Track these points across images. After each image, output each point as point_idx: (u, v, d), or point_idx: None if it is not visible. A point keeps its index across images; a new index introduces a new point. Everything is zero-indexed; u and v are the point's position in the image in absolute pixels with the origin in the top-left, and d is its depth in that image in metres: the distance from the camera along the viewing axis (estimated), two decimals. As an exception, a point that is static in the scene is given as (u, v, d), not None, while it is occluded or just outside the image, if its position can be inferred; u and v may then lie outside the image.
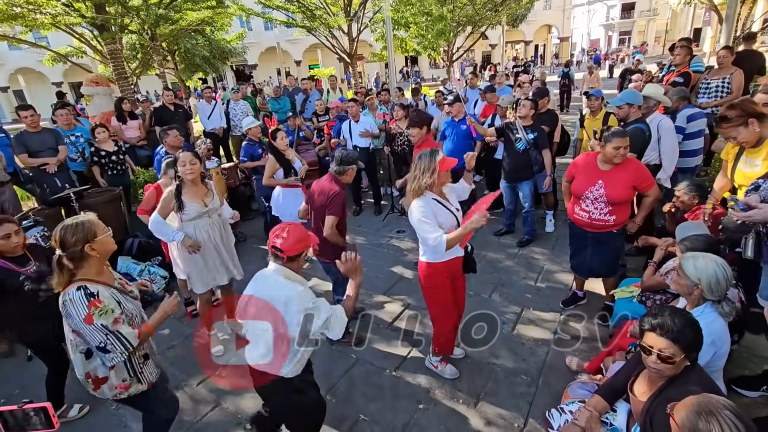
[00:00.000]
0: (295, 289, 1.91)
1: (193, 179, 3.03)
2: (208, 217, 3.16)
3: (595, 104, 4.77)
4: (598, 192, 3.00)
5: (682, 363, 1.56)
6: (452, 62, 18.38)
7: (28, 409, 1.28)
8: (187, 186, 3.06)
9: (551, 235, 4.94)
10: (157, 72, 15.76)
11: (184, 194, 3.04)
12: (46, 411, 1.27)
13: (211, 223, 3.20)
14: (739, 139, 2.49)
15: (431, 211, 2.43)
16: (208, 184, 3.22)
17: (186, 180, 3.02)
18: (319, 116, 7.28)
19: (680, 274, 1.97)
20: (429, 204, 2.45)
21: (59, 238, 1.80)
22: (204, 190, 3.15)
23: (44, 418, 1.31)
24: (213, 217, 3.21)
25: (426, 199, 2.48)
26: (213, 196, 3.19)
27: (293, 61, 32.63)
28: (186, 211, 3.05)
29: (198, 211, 3.08)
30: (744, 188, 2.53)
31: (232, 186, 5.95)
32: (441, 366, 2.96)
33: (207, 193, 3.16)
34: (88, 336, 1.81)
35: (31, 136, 4.65)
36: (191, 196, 3.07)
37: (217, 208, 3.23)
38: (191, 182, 3.05)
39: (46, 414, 1.29)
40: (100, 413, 2.87)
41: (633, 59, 14.32)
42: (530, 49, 38.86)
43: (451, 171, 2.55)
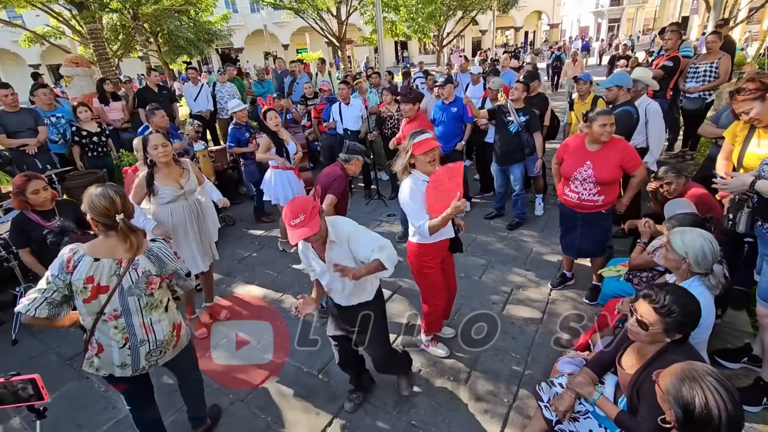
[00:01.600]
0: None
1: (167, 162, 2.90)
2: (184, 199, 3.01)
3: (584, 88, 4.82)
4: (586, 173, 3.02)
5: (658, 335, 1.59)
6: (442, 47, 18.22)
7: (15, 381, 1.25)
8: (160, 169, 2.92)
9: (540, 218, 4.99)
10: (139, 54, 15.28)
11: (157, 178, 2.90)
12: (35, 383, 1.25)
13: (188, 206, 3.05)
14: (752, 115, 2.30)
15: (419, 192, 2.40)
16: (184, 164, 3.07)
17: (159, 163, 2.89)
18: (307, 99, 7.16)
19: (668, 249, 2.01)
20: (417, 185, 2.42)
21: (121, 202, 1.81)
22: (179, 171, 3.01)
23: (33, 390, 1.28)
24: (190, 199, 3.06)
25: (415, 179, 2.45)
26: (189, 176, 3.04)
27: (280, 44, 31.97)
28: (161, 194, 2.91)
29: (173, 194, 2.93)
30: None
31: (220, 169, 5.86)
32: (432, 345, 2.99)
33: (182, 174, 3.01)
34: (180, 267, 2.01)
35: (9, 116, 4.48)
36: (165, 179, 2.92)
37: (194, 189, 3.08)
38: (164, 165, 2.91)
39: (35, 386, 1.26)
40: (88, 396, 2.84)
41: (633, 50, 14.42)
42: (520, 35, 38.67)
43: (443, 156, 2.54)
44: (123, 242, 1.82)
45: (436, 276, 2.70)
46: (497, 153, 4.60)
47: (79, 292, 1.76)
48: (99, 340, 1.87)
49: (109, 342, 1.87)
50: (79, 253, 1.78)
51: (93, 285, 1.76)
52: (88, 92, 7.40)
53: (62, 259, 1.77)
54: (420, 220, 2.39)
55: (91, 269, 1.76)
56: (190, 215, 3.06)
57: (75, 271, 1.75)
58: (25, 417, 2.70)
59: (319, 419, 2.54)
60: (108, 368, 1.91)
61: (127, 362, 1.91)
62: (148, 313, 1.92)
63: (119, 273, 1.80)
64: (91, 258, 1.78)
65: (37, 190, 2.75)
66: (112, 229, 1.80)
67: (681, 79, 5.53)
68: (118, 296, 1.82)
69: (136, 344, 1.91)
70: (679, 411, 1.27)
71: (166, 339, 2.00)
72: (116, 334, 1.86)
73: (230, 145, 5.19)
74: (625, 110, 3.61)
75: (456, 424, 2.44)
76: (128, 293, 1.84)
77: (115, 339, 1.87)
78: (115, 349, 1.87)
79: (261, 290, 3.99)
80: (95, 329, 1.84)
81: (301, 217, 1.82)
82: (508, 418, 2.46)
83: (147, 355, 1.94)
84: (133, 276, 1.84)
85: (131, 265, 1.83)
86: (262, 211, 5.46)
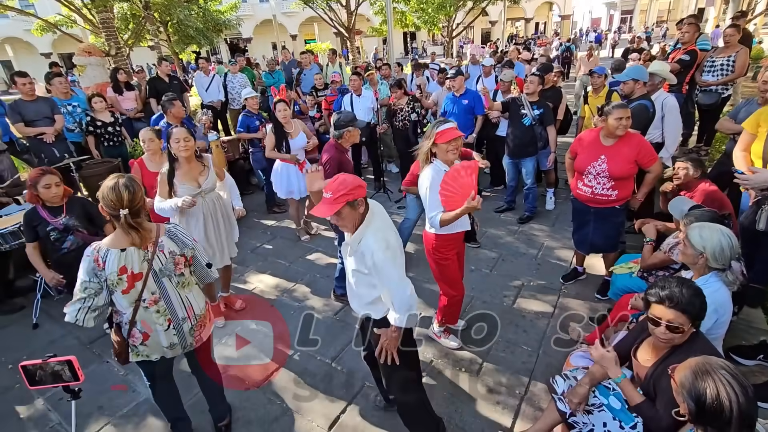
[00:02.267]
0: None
1: (188, 156, 2.84)
2: (201, 198, 2.94)
3: (598, 81, 4.77)
4: (600, 167, 3.01)
5: (689, 331, 1.60)
6: (452, 39, 18.01)
7: (53, 362, 1.30)
8: (181, 164, 2.86)
9: (551, 212, 4.97)
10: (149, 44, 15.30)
11: (177, 175, 2.84)
12: (71, 364, 1.29)
13: (206, 204, 2.97)
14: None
15: (439, 182, 2.40)
16: (205, 159, 3.00)
17: (180, 158, 2.83)
18: (318, 91, 7.15)
19: (686, 244, 2.01)
20: (438, 175, 2.43)
21: (128, 198, 1.78)
22: (199, 168, 2.94)
23: (69, 372, 1.33)
24: (208, 197, 2.99)
25: (436, 168, 2.46)
26: (208, 174, 2.97)
27: (289, 35, 31.81)
28: (178, 192, 2.84)
29: (189, 193, 2.85)
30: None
31: (232, 159, 5.90)
32: (444, 336, 3.03)
33: (202, 171, 2.95)
34: (200, 255, 2.06)
35: (26, 105, 4.54)
36: (184, 176, 2.87)
37: (212, 187, 3.02)
38: (185, 160, 2.84)
39: (71, 367, 1.31)
40: (108, 379, 2.91)
41: (649, 42, 14.24)
42: (530, 26, 38.12)
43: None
44: (126, 235, 1.83)
45: (453, 267, 2.73)
46: (509, 146, 4.58)
47: (116, 284, 1.81)
48: (142, 329, 1.93)
49: (153, 327, 1.94)
50: (102, 250, 1.83)
51: (127, 274, 1.82)
52: (100, 81, 7.46)
53: (89, 261, 1.81)
54: (433, 211, 2.41)
55: (121, 260, 1.81)
56: (207, 214, 3.01)
57: (106, 267, 1.80)
58: (48, 398, 2.78)
59: (333, 406, 2.59)
60: (158, 352, 2.00)
61: (175, 341, 2.01)
62: (182, 291, 2.00)
63: (149, 258, 1.86)
64: (116, 250, 1.83)
65: (48, 185, 2.79)
66: (118, 221, 1.83)
67: (698, 73, 5.44)
68: (153, 280, 1.88)
69: (179, 323, 2.00)
70: (691, 403, 1.29)
71: (203, 313, 2.12)
72: (159, 317, 1.94)
73: (239, 130, 5.24)
74: (642, 104, 3.57)
75: (468, 414, 2.48)
76: (161, 275, 1.90)
77: (159, 322, 1.94)
78: (161, 332, 1.95)
79: (273, 279, 4.04)
80: (136, 319, 1.90)
81: (329, 194, 1.77)
82: (519, 409, 2.49)
83: (191, 331, 2.05)
84: (161, 258, 1.90)
85: (157, 247, 1.89)
86: (273, 201, 5.50)
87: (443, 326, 3.02)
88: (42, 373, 1.41)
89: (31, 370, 1.42)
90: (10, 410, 2.73)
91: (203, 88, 7.32)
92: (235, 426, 2.49)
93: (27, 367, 1.42)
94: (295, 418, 2.53)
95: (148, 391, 2.71)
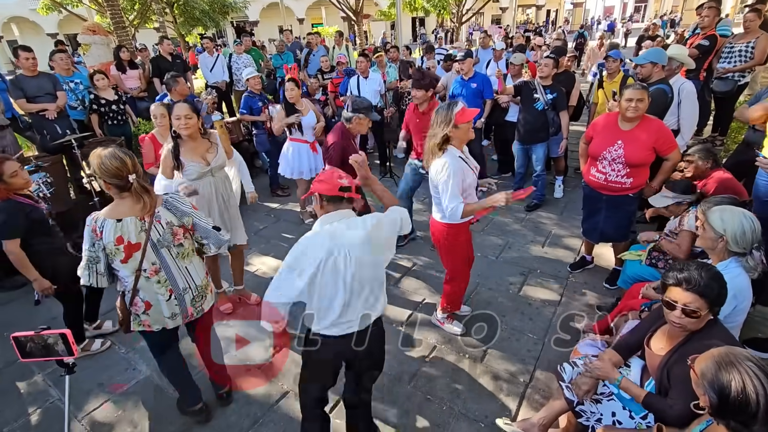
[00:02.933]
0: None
1: (190, 134, 2.67)
2: (211, 176, 2.80)
3: (613, 66, 4.61)
4: (616, 152, 2.90)
5: (705, 317, 1.53)
6: (461, 24, 17.66)
7: (46, 335, 1.26)
8: (185, 142, 2.70)
9: (560, 200, 4.88)
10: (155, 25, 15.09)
11: (183, 152, 2.68)
12: (66, 337, 1.25)
13: (215, 183, 2.83)
14: None
15: (460, 171, 2.33)
16: (212, 136, 2.84)
17: (182, 135, 2.68)
18: (324, 73, 7.02)
19: (705, 228, 1.93)
20: (456, 162, 2.33)
21: (132, 163, 1.79)
22: (206, 145, 2.77)
23: (64, 345, 1.29)
24: (217, 175, 2.84)
25: (452, 155, 2.35)
26: (217, 151, 2.80)
27: (296, 18, 31.35)
28: (186, 171, 2.70)
29: (198, 171, 2.71)
30: None
31: (236, 141, 5.80)
32: (447, 322, 2.98)
33: (210, 148, 2.78)
34: (204, 221, 2.04)
35: (28, 80, 4.46)
36: (190, 154, 2.70)
37: (222, 164, 2.87)
38: (189, 137, 2.69)
39: (65, 341, 1.27)
40: (111, 357, 2.90)
41: (665, 30, 13.85)
42: (542, 14, 37.33)
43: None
44: (137, 202, 1.83)
45: (462, 253, 2.70)
46: (520, 131, 4.46)
47: (114, 254, 1.81)
48: (144, 297, 1.93)
49: (155, 297, 1.95)
50: (100, 219, 1.81)
51: (124, 245, 1.81)
52: (105, 61, 7.36)
53: (88, 230, 1.81)
54: (455, 201, 2.30)
55: (117, 230, 1.79)
56: (216, 193, 2.86)
57: (103, 236, 1.79)
58: (49, 374, 2.77)
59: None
60: (160, 322, 2.00)
61: (176, 312, 2.01)
62: (182, 262, 2.00)
63: (146, 228, 1.84)
64: (113, 220, 1.80)
65: (15, 172, 2.41)
66: (126, 191, 1.82)
67: (716, 59, 5.26)
68: (152, 250, 1.87)
69: (180, 293, 2.00)
70: (713, 395, 1.22)
71: (204, 283, 2.12)
72: (160, 287, 1.94)
73: (242, 112, 5.14)
74: (660, 88, 3.43)
75: (472, 399, 2.43)
76: (159, 246, 1.89)
77: (161, 293, 1.94)
78: (163, 302, 1.96)
79: (276, 261, 4.00)
80: (137, 288, 1.90)
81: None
82: (524, 397, 2.44)
83: (192, 302, 2.05)
84: (159, 229, 1.88)
85: (154, 218, 1.87)
86: (277, 184, 5.44)
87: (446, 312, 2.97)
88: (33, 345, 1.37)
89: (22, 342, 1.38)
90: (11, 385, 2.73)
91: (208, 68, 7.21)
92: (236, 404, 2.47)
93: (18, 339, 1.38)
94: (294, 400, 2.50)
95: (150, 368, 2.72)
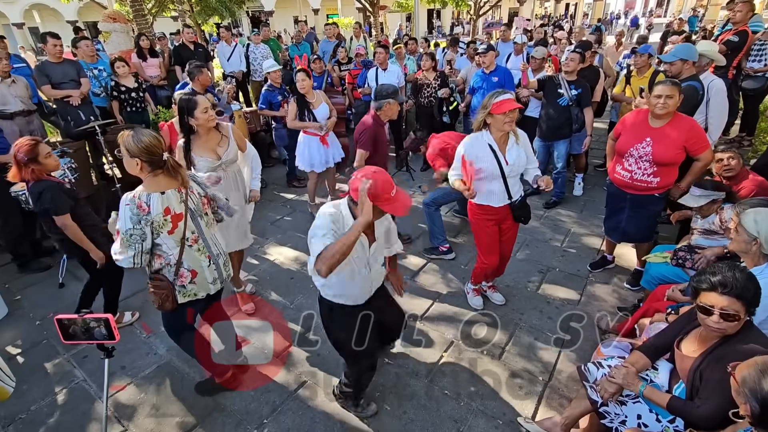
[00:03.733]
0: (322, 217, 1.76)
1: (212, 126, 2.63)
2: (223, 170, 2.72)
3: (641, 61, 4.44)
4: (644, 150, 2.83)
5: (743, 320, 1.49)
6: (478, 17, 17.37)
7: (89, 318, 1.27)
8: (199, 136, 2.63)
9: (579, 198, 4.80)
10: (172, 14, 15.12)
11: (193, 147, 2.63)
12: (108, 322, 1.26)
13: (227, 177, 2.75)
14: None
15: (471, 152, 2.51)
16: (223, 129, 2.74)
17: (202, 129, 2.59)
18: (341, 65, 6.98)
19: (738, 231, 1.88)
20: (474, 145, 2.51)
21: (157, 144, 1.86)
22: (217, 138, 2.69)
23: (105, 330, 1.31)
24: (229, 170, 2.76)
25: (476, 137, 2.54)
26: (228, 144, 2.71)
27: (311, 9, 31.19)
28: (197, 166, 2.64)
29: (208, 166, 2.64)
30: None
31: (253, 131, 5.84)
32: (472, 294, 3.18)
33: (221, 141, 2.69)
34: (216, 194, 2.16)
35: (53, 67, 4.53)
36: (201, 148, 2.64)
37: (234, 158, 2.77)
38: (207, 130, 2.62)
39: (107, 325, 1.28)
40: (131, 341, 2.95)
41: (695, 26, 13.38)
42: (560, 7, 36.55)
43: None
44: (173, 178, 1.92)
45: (483, 234, 2.81)
46: (542, 127, 4.39)
47: (161, 225, 1.88)
48: (190, 266, 2.01)
49: (198, 264, 2.04)
50: (144, 195, 1.86)
51: (171, 215, 1.90)
52: (125, 48, 7.41)
53: (130, 208, 1.81)
54: (453, 172, 2.69)
55: (164, 201, 1.88)
56: (227, 188, 2.76)
57: (151, 210, 1.84)
58: (73, 355, 2.84)
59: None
60: (204, 288, 2.11)
61: (216, 276, 2.15)
62: (210, 230, 2.14)
63: (183, 199, 1.94)
64: (157, 193, 1.88)
65: (49, 153, 2.53)
66: (160, 168, 1.88)
67: (745, 57, 5.10)
68: (191, 219, 1.97)
69: (216, 258, 2.15)
70: (755, 405, 1.19)
71: (226, 250, 2.30)
72: (200, 255, 2.06)
73: (261, 107, 5.12)
74: (691, 85, 3.34)
75: (490, 396, 2.42)
76: (196, 215, 2.01)
77: (202, 260, 2.07)
78: (206, 268, 2.08)
79: (293, 252, 4.02)
80: (182, 259, 1.98)
81: (394, 189, 1.72)
82: (543, 395, 2.42)
83: (224, 266, 2.22)
84: (194, 198, 2.00)
85: (189, 189, 1.98)
86: (293, 175, 5.45)
87: (476, 285, 3.14)
88: (76, 328, 1.40)
89: (66, 324, 1.41)
90: (39, 365, 2.80)
91: (225, 57, 7.22)
92: (256, 392, 2.50)
93: (62, 321, 1.41)
94: (316, 390, 2.52)
95: (171, 353, 2.76)
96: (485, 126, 2.54)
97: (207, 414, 2.38)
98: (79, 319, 1.35)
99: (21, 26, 27.50)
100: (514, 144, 2.59)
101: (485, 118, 2.49)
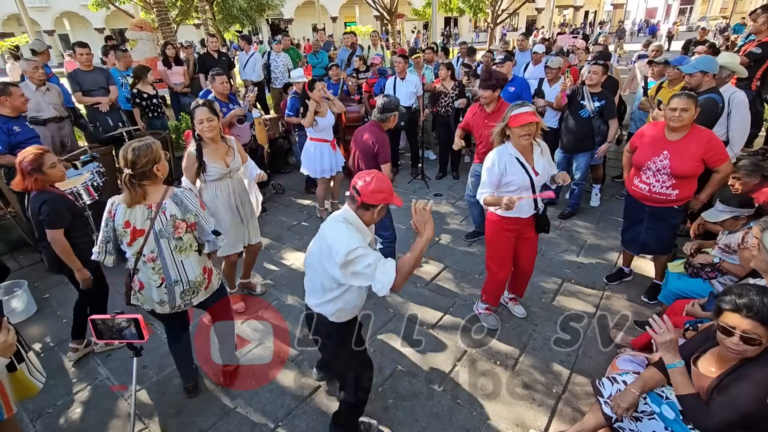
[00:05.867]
0: (347, 231, 1.74)
1: (213, 137, 2.79)
2: (230, 178, 2.97)
3: (673, 72, 4.27)
4: (661, 163, 2.81)
5: (766, 344, 1.47)
6: (496, 25, 17.39)
7: (119, 319, 1.35)
8: (207, 144, 2.83)
9: (596, 209, 4.76)
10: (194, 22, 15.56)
11: (205, 154, 2.82)
12: (138, 322, 1.34)
13: (233, 185, 2.99)
14: None
15: (500, 165, 2.52)
16: (229, 141, 2.98)
17: (205, 138, 2.79)
18: (359, 73, 7.07)
19: (760, 249, 1.86)
20: (502, 158, 2.53)
21: (131, 159, 1.93)
22: (225, 148, 2.91)
23: (135, 330, 1.39)
24: (235, 177, 3.03)
25: (502, 150, 2.55)
26: (234, 155, 2.96)
27: (329, 17, 31.69)
28: (209, 172, 2.83)
29: (220, 172, 2.86)
30: None
31: (272, 138, 5.96)
32: (485, 314, 3.07)
33: (228, 151, 2.93)
34: (205, 221, 2.12)
35: (84, 75, 4.74)
36: (212, 156, 2.84)
37: (238, 167, 3.03)
38: (211, 140, 2.81)
39: (137, 325, 1.36)
40: (152, 340, 3.02)
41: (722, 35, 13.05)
42: (579, 15, 36.32)
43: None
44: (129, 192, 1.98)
45: (500, 247, 2.80)
46: (563, 140, 4.36)
47: (122, 236, 2.01)
48: (140, 278, 2.12)
49: (148, 281, 2.11)
50: (116, 203, 2.02)
51: (130, 229, 1.99)
52: (149, 56, 7.68)
53: (106, 209, 2.03)
54: (483, 188, 2.60)
55: (126, 215, 1.98)
56: (234, 194, 3.00)
57: (114, 218, 1.99)
58: (97, 354, 2.94)
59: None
60: (149, 304, 2.18)
61: (165, 300, 2.15)
62: (178, 255, 2.11)
63: (151, 217, 2.00)
64: (124, 205, 2.00)
65: (54, 164, 2.46)
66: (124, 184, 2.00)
67: None
68: (153, 239, 2.03)
69: (170, 284, 2.13)
70: None
71: (197, 280, 2.21)
72: (154, 274, 2.09)
73: (289, 114, 5.20)
74: (711, 98, 3.30)
75: (502, 407, 2.43)
76: (160, 236, 2.03)
77: (153, 279, 2.10)
78: (154, 288, 2.11)
79: (309, 259, 4.08)
80: (137, 269, 2.09)
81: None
82: (556, 408, 2.42)
83: (182, 295, 2.17)
84: (162, 219, 2.03)
85: (160, 208, 2.02)
86: (312, 181, 5.53)
87: (486, 303, 3.05)
88: (105, 327, 1.48)
89: (99, 324, 1.49)
90: (63, 363, 2.91)
91: (242, 65, 7.41)
92: (271, 395, 2.55)
93: (95, 321, 1.49)
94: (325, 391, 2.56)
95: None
96: (507, 138, 2.56)
97: (224, 414, 2.44)
98: (111, 320, 1.43)
99: (51, 33, 28.61)
100: (540, 154, 2.62)
101: (504, 129, 2.52)
